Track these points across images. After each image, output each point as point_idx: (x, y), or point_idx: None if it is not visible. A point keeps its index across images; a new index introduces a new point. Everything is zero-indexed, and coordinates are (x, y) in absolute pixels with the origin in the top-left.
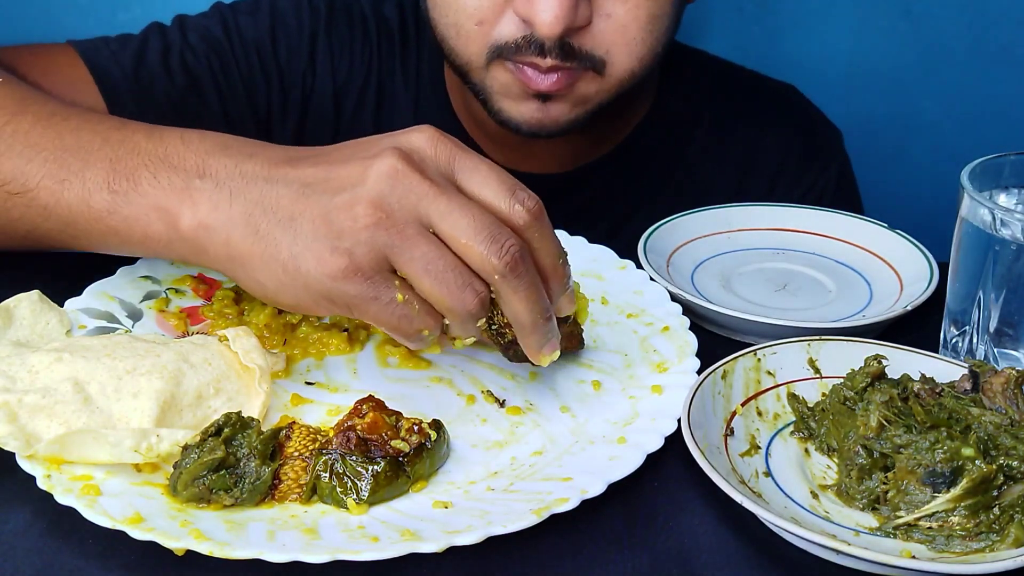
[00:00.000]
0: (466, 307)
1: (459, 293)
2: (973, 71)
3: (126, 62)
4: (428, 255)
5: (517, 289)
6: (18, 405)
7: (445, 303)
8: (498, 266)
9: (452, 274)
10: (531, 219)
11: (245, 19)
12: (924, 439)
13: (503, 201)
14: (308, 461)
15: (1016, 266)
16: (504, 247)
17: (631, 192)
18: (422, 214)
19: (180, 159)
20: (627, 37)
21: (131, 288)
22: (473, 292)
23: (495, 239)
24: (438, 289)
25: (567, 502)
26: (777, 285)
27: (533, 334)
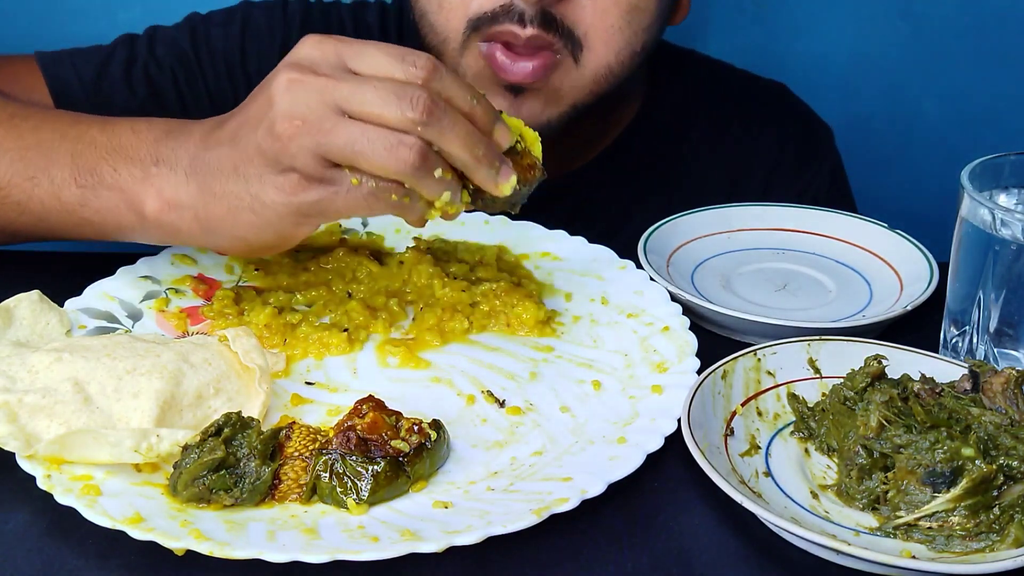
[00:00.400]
0: (408, 163)
1: (394, 154)
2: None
3: (87, 74)
4: (351, 136)
5: (443, 131)
6: (18, 405)
7: (389, 168)
8: (414, 118)
9: (379, 142)
10: (428, 74)
11: (216, 30)
12: (924, 439)
13: (396, 68)
14: (308, 461)
15: (1016, 266)
16: (412, 99)
17: (623, 195)
18: (330, 105)
19: (134, 150)
20: (607, 23)
21: (131, 288)
22: (406, 147)
23: (401, 96)
24: (375, 160)
25: (567, 502)
26: (777, 285)
27: (479, 168)
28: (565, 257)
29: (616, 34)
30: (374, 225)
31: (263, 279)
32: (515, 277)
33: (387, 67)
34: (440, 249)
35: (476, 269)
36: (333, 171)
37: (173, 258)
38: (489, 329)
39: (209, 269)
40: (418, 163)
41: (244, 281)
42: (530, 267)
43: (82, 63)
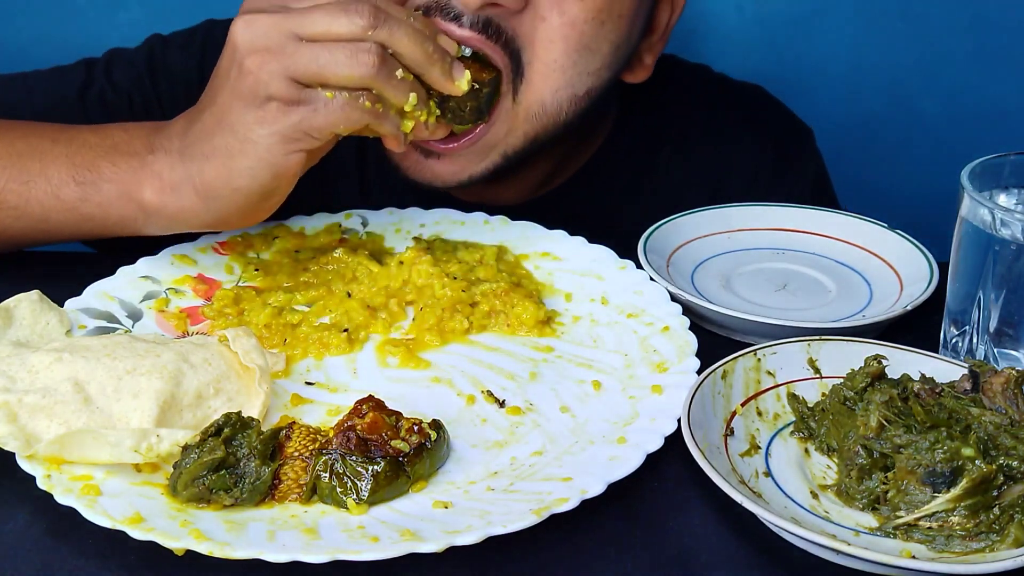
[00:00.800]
0: (369, 65)
1: (355, 59)
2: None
3: (39, 99)
4: (311, 54)
5: (392, 31)
6: (18, 405)
7: (354, 75)
8: (363, 23)
9: (338, 54)
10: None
11: (175, 53)
12: (924, 439)
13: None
14: (308, 461)
15: (1016, 266)
16: (358, 10)
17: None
18: (287, 33)
19: (128, 145)
20: (550, 56)
21: (131, 288)
22: (364, 52)
23: (348, 10)
24: (339, 70)
25: (567, 502)
26: (777, 285)
27: (432, 65)
28: (565, 257)
29: (558, 71)
30: (374, 225)
31: (263, 279)
32: (515, 277)
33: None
34: (440, 249)
35: (476, 269)
36: (307, 91)
37: (173, 258)
38: (489, 329)
39: (209, 269)
40: (379, 63)
41: (244, 281)
42: (530, 267)
43: (38, 87)
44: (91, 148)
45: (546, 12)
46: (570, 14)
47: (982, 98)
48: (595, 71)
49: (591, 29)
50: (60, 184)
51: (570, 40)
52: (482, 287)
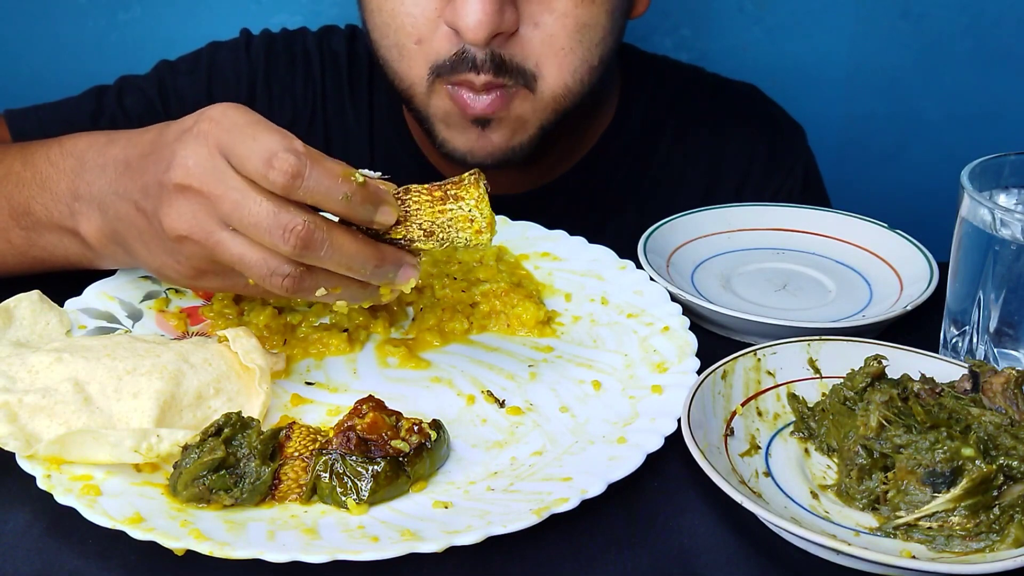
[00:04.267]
0: (286, 289)
1: (270, 281)
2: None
3: (53, 129)
4: (232, 254)
5: (324, 260)
6: (18, 405)
7: (272, 291)
8: (289, 251)
9: (258, 267)
10: (288, 180)
11: (183, 79)
12: (924, 439)
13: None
14: (308, 461)
15: (1016, 266)
16: (285, 232)
17: (597, 207)
18: (216, 221)
19: (54, 183)
20: (555, 47)
21: (131, 288)
22: (279, 276)
23: (274, 228)
24: (258, 280)
25: (567, 502)
26: (777, 285)
27: (375, 279)
28: (565, 257)
29: (568, 55)
30: None
31: None
32: (515, 277)
33: (254, 175)
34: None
35: (476, 269)
36: (226, 268)
37: None
38: (489, 329)
39: None
40: (294, 288)
41: None
42: (530, 267)
43: (49, 118)
44: (23, 185)
45: (538, 17)
46: (559, 8)
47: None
48: (601, 40)
49: (584, 11)
50: (6, 228)
51: (568, 27)
52: (482, 287)
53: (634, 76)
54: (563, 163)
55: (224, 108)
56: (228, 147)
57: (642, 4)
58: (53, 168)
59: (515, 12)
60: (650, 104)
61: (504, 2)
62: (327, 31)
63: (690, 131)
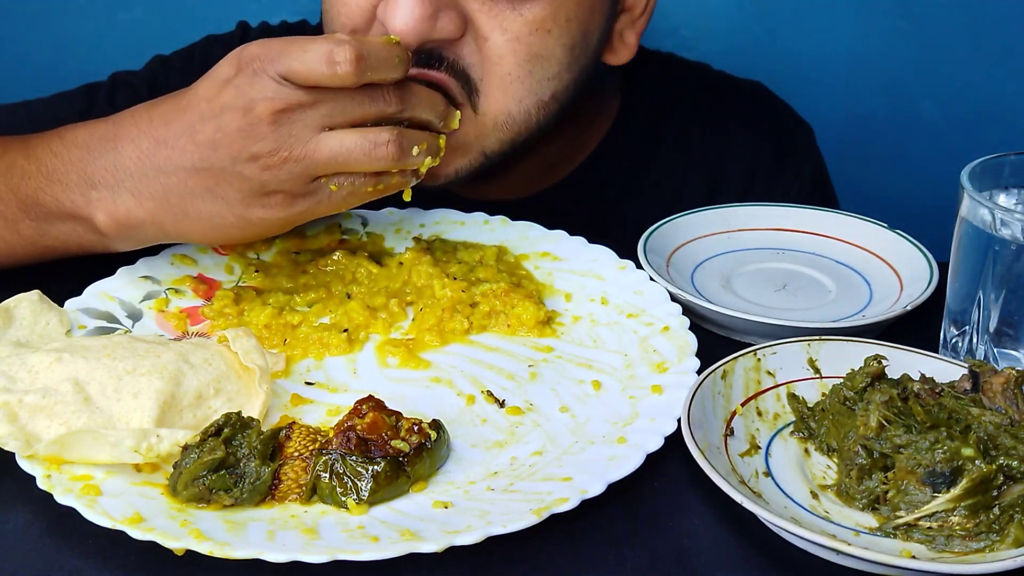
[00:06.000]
0: (389, 157)
1: (374, 155)
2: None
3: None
4: (331, 151)
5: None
6: (18, 405)
7: (375, 167)
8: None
9: (357, 149)
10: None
11: (175, 76)
12: (924, 439)
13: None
14: (308, 461)
15: (1016, 266)
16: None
17: (601, 207)
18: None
19: (62, 174)
20: (502, 70)
21: (131, 288)
22: (382, 146)
23: (375, 98)
24: (359, 167)
25: (567, 502)
26: (777, 285)
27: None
28: (565, 257)
29: (515, 83)
30: (374, 225)
31: (263, 280)
32: (515, 277)
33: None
34: (440, 249)
35: (476, 269)
36: (313, 184)
37: (173, 258)
38: (489, 329)
39: (209, 269)
40: (397, 154)
41: (244, 281)
42: (530, 267)
43: (38, 114)
44: (28, 178)
45: (488, 32)
46: (512, 30)
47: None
48: (555, 75)
49: (538, 40)
50: (16, 220)
51: (519, 54)
52: (482, 287)
53: (638, 74)
54: (566, 164)
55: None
56: (287, 69)
57: (624, 51)
58: (58, 160)
59: (457, 19)
60: (654, 103)
61: (442, 8)
62: None
63: (694, 131)
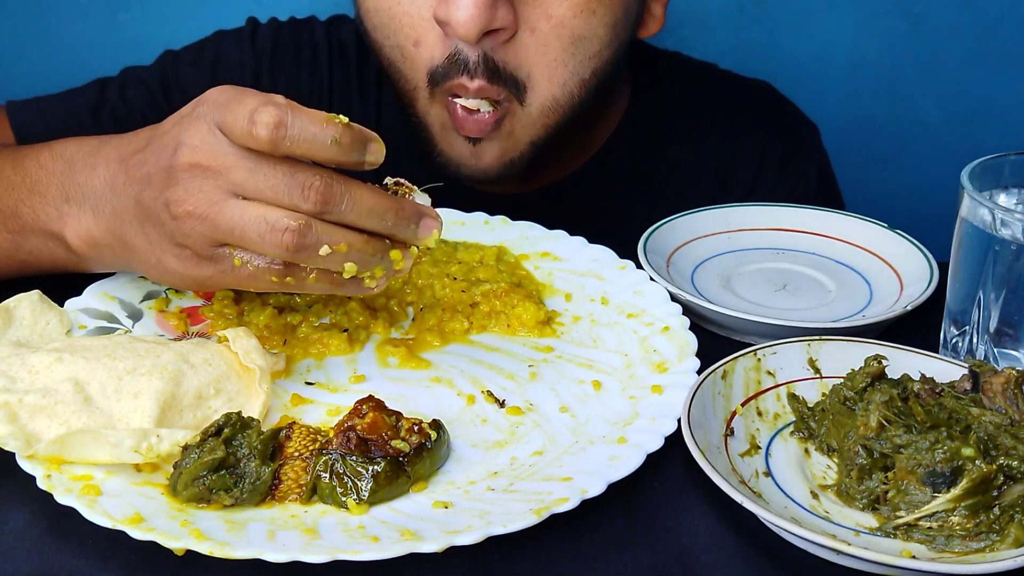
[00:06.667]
0: (277, 246)
1: (266, 238)
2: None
3: (54, 121)
4: (232, 220)
5: (344, 213)
6: (18, 405)
7: (267, 252)
8: (311, 208)
9: (254, 225)
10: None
11: (186, 71)
12: (924, 439)
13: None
14: (308, 461)
15: (1016, 266)
16: (304, 189)
17: (610, 201)
18: (225, 192)
19: (44, 187)
20: (548, 57)
21: (131, 288)
22: (279, 232)
23: (292, 187)
24: (251, 242)
25: (567, 502)
26: (777, 285)
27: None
28: (565, 257)
29: (560, 67)
30: None
31: None
32: (515, 277)
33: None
34: (440, 249)
35: (476, 269)
36: (219, 250)
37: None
38: (489, 329)
39: None
40: (294, 246)
41: None
42: (530, 267)
43: (50, 110)
44: (13, 189)
45: (535, 21)
46: (557, 15)
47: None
48: (596, 53)
49: (582, 22)
50: None
51: (563, 38)
52: (482, 287)
53: (645, 72)
54: (572, 161)
55: (218, 89)
56: (221, 120)
57: (654, 23)
58: (43, 171)
59: (511, 13)
60: (661, 102)
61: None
62: (337, 21)
63: (701, 130)
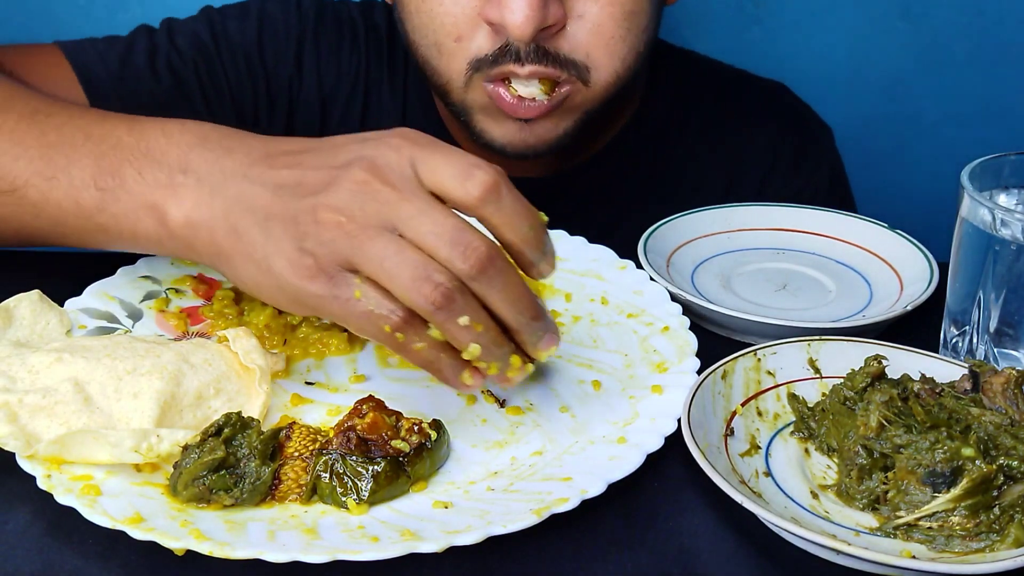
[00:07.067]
0: (424, 297)
1: (416, 284)
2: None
3: (112, 62)
4: (386, 251)
5: (490, 288)
6: (18, 405)
7: (407, 297)
8: (464, 269)
9: (408, 267)
10: (483, 194)
11: (233, 23)
12: (924, 439)
13: (455, 186)
14: (308, 461)
15: (1016, 266)
16: (468, 249)
17: (619, 195)
18: (385, 219)
19: (162, 153)
20: (605, 37)
21: (131, 288)
22: (431, 284)
23: (457, 242)
24: (394, 281)
25: (567, 502)
26: (777, 285)
27: (521, 332)
28: (565, 257)
29: (618, 43)
30: None
31: None
32: None
33: (447, 182)
34: None
35: None
36: (344, 276)
37: (173, 258)
38: None
39: (209, 269)
40: (440, 303)
41: None
42: None
43: (105, 51)
44: (122, 149)
45: (582, 9)
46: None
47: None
48: (646, 27)
49: None
50: (81, 187)
51: (616, 16)
52: None
53: (660, 68)
54: (584, 151)
55: (413, 131)
56: (421, 158)
57: None
58: (167, 140)
59: (561, 6)
60: (675, 97)
61: None
62: (368, 4)
63: (714, 126)
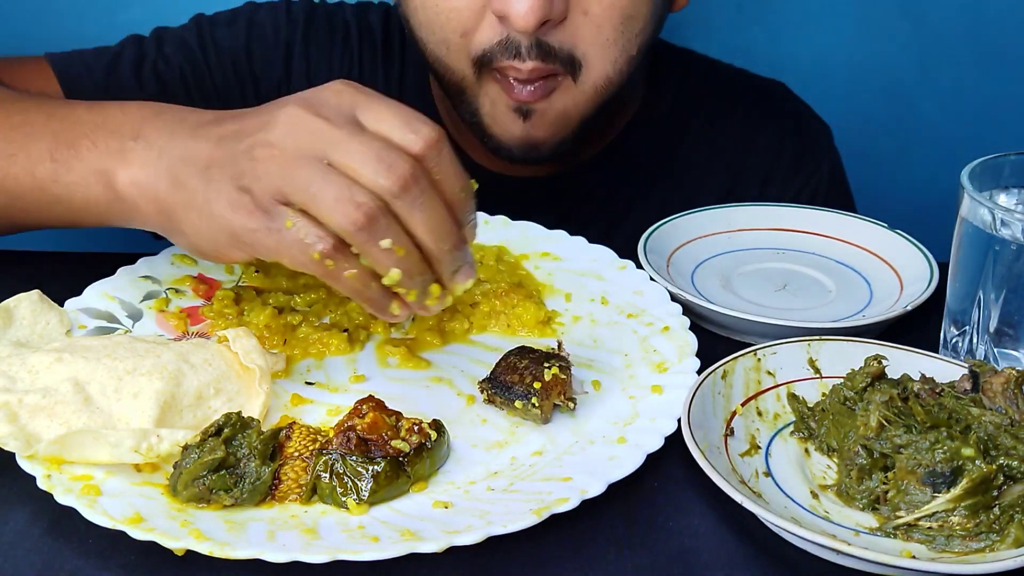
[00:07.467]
0: (346, 216)
1: (338, 205)
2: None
3: (97, 71)
4: (311, 176)
5: (413, 208)
6: (18, 405)
7: (331, 220)
8: (387, 185)
9: (332, 188)
10: (426, 146)
11: (222, 30)
12: (924, 439)
13: (396, 131)
14: (308, 461)
15: (1016, 266)
16: (392, 166)
17: (620, 195)
18: (316, 149)
19: (117, 125)
20: (601, 37)
21: (131, 288)
22: (354, 204)
23: (382, 159)
24: (319, 205)
25: (567, 502)
26: (777, 285)
27: (441, 261)
28: (565, 257)
29: (612, 46)
30: None
31: (263, 280)
32: (515, 277)
33: (388, 128)
34: None
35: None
36: (278, 207)
37: (173, 258)
38: (489, 329)
39: (209, 269)
40: (362, 223)
41: (244, 281)
42: (530, 267)
43: (92, 61)
44: (81, 124)
45: (587, 4)
46: None
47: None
48: (641, 30)
49: (629, 2)
50: (38, 159)
51: (614, 18)
52: (482, 287)
53: (662, 68)
54: (586, 150)
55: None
56: (366, 105)
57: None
58: (123, 114)
59: (564, 1)
60: (676, 96)
61: None
62: (363, 6)
63: (716, 126)
